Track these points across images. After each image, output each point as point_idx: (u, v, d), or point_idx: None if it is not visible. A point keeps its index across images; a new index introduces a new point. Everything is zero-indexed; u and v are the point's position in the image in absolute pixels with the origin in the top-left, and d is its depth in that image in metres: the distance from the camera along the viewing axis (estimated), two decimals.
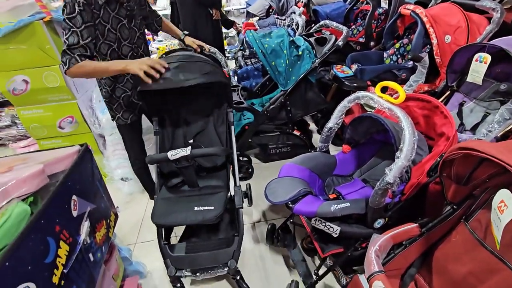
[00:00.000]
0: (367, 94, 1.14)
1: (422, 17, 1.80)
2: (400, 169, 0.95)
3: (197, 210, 1.23)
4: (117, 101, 1.56)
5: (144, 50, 1.57)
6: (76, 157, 0.97)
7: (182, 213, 1.24)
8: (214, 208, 1.23)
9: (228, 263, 1.25)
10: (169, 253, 1.29)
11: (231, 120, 1.52)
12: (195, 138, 1.60)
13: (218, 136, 1.59)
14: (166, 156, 1.25)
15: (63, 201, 0.83)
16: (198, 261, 1.27)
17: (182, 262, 1.28)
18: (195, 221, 1.21)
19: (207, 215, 1.21)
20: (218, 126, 1.61)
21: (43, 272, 0.69)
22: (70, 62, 1.24)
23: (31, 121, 2.04)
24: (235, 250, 1.27)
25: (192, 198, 1.33)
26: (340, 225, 1.11)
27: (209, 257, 1.27)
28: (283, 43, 1.91)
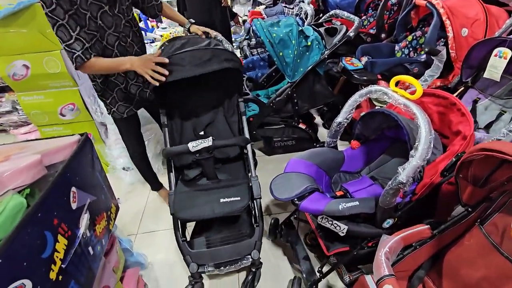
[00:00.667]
0: (381, 88, 1.09)
1: (439, 8, 1.72)
2: (414, 168, 0.91)
3: (223, 202, 1.22)
4: (111, 95, 1.50)
5: (133, 39, 1.46)
6: (75, 147, 0.93)
7: (208, 205, 1.22)
8: (241, 199, 1.22)
9: (251, 254, 1.24)
10: (188, 249, 1.25)
11: (242, 110, 1.49)
12: (206, 130, 1.56)
13: (229, 126, 1.56)
14: (187, 148, 1.23)
15: (62, 193, 0.79)
16: (220, 255, 1.25)
17: (203, 257, 1.25)
18: (223, 212, 1.19)
19: (235, 206, 1.20)
20: (228, 116, 1.57)
21: (40, 268, 0.66)
22: (77, 61, 1.22)
23: (31, 107, 2.01)
24: (257, 240, 1.26)
25: (214, 191, 1.31)
26: (347, 224, 1.08)
27: (231, 250, 1.25)
28: (292, 32, 1.84)
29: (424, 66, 1.91)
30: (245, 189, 1.29)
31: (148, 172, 1.93)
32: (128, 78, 1.51)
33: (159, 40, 4.45)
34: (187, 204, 1.26)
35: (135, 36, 1.49)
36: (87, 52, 1.22)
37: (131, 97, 1.56)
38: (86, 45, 1.22)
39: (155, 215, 2.00)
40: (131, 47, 1.47)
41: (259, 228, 1.28)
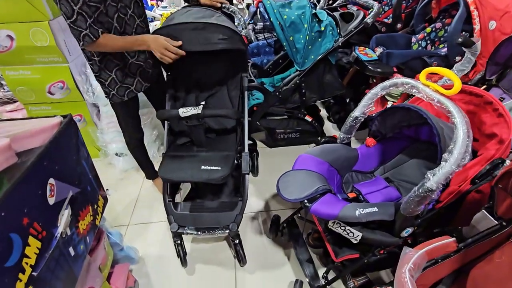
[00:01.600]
0: (409, 81, 0.96)
1: None
2: (447, 175, 0.79)
3: (203, 169, 1.24)
4: (109, 76, 1.36)
5: (135, 10, 1.32)
6: (56, 130, 0.79)
7: (189, 170, 1.26)
8: (221, 169, 1.23)
9: (230, 225, 1.27)
10: (173, 210, 1.33)
11: (245, 85, 1.49)
12: (207, 100, 1.55)
13: (230, 100, 1.54)
14: (177, 112, 1.25)
15: (36, 186, 0.66)
16: (200, 221, 1.32)
17: (185, 219, 1.32)
18: (201, 179, 1.22)
19: (213, 175, 1.21)
20: (231, 90, 1.55)
21: (2, 279, 0.54)
22: (84, 40, 1.14)
23: (17, 83, 1.84)
24: (238, 214, 1.29)
25: (200, 157, 1.33)
26: (361, 231, 0.97)
27: (212, 218, 1.31)
28: (304, 15, 1.68)
29: (443, 60, 1.78)
30: (229, 160, 1.28)
31: (144, 160, 1.80)
32: (128, 56, 1.37)
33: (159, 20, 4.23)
34: (172, 166, 1.30)
35: (137, 7, 1.33)
36: (94, 29, 1.13)
37: (131, 77, 1.42)
38: (89, 21, 1.11)
39: (149, 205, 1.88)
40: (132, 20, 1.33)
41: (242, 202, 1.32)
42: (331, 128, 2.54)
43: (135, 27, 1.36)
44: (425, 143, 1.21)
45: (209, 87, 1.57)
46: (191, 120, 1.28)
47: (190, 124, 1.30)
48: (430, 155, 1.19)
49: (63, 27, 1.75)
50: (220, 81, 1.57)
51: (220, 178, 1.20)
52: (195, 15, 1.31)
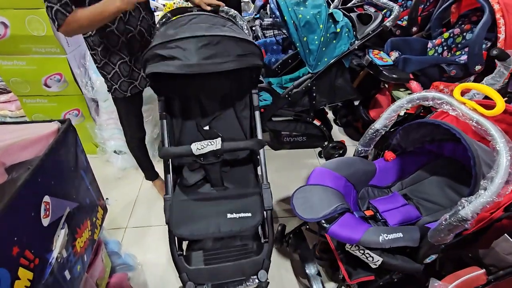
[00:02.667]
0: (443, 96, 0.88)
1: (493, 4, 1.48)
2: (484, 204, 0.72)
3: (231, 218, 1.01)
4: (113, 69, 1.27)
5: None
6: (53, 140, 0.70)
7: (213, 221, 1.01)
8: (252, 215, 1.02)
9: (258, 274, 1.05)
10: (185, 266, 1.05)
11: (255, 104, 1.22)
12: (211, 124, 1.32)
13: (239, 121, 1.33)
14: (189, 150, 1.00)
15: (28, 208, 0.58)
16: (221, 274, 1.06)
17: (202, 275, 1.05)
18: (231, 232, 1.00)
19: (246, 224, 1.00)
20: (239, 110, 1.32)
21: None
22: (58, 18, 0.98)
23: (11, 73, 1.73)
24: (265, 258, 1.06)
25: (220, 202, 1.09)
26: (382, 256, 0.90)
27: (234, 269, 1.06)
28: (320, 15, 1.58)
29: (462, 69, 1.70)
30: (257, 202, 1.08)
31: (145, 160, 1.72)
32: (134, 49, 1.28)
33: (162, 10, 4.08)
34: (187, 217, 1.05)
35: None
36: (66, 4, 0.98)
37: (136, 71, 1.33)
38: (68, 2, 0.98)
39: (148, 206, 1.80)
40: (137, 12, 1.22)
41: (268, 244, 1.08)
42: (337, 132, 2.47)
43: (140, 19, 1.25)
44: (447, 160, 1.14)
45: (212, 108, 1.33)
46: (206, 158, 1.04)
47: (206, 162, 1.06)
48: (452, 173, 1.12)
49: None
50: (225, 100, 1.33)
51: (253, 227, 1.01)
52: (204, 25, 1.08)
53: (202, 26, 1.07)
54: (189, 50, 0.95)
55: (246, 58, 1.03)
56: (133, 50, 1.28)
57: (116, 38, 1.20)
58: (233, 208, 1.04)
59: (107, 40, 1.19)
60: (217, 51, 0.97)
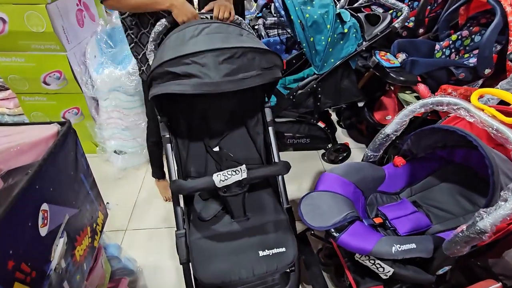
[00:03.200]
0: (459, 102, 0.84)
1: (505, 6, 1.45)
2: (505, 216, 0.69)
3: (264, 255, 0.88)
4: (142, 50, 1.28)
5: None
6: (52, 143, 0.66)
7: (243, 262, 0.87)
8: (286, 249, 0.90)
9: None
10: None
11: (269, 119, 1.11)
12: (221, 144, 1.20)
13: (252, 139, 1.21)
14: (211, 182, 0.88)
15: (25, 217, 0.54)
16: None
17: None
18: (267, 274, 0.87)
19: (282, 262, 0.88)
20: (251, 126, 1.21)
21: None
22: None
23: (9, 70, 1.69)
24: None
25: (246, 237, 0.95)
26: (393, 266, 0.87)
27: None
28: (328, 15, 1.55)
29: (471, 72, 1.67)
30: (287, 233, 0.95)
31: (159, 157, 1.69)
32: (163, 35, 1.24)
33: None
34: (211, 259, 0.90)
35: None
36: None
37: None
38: None
39: (148, 208, 1.77)
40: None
41: (295, 274, 0.97)
42: (341, 134, 2.44)
43: None
44: (459, 166, 1.11)
45: (221, 126, 1.21)
46: (230, 189, 0.93)
47: (229, 194, 0.94)
48: (463, 180, 1.09)
49: (62, 12, 1.59)
50: (235, 116, 1.21)
51: (290, 264, 0.89)
52: (219, 36, 0.92)
53: (218, 36, 0.92)
54: (208, 66, 0.82)
55: (270, 72, 0.92)
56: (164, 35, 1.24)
57: (147, 20, 1.19)
58: (263, 244, 0.92)
59: (139, 21, 1.19)
60: (240, 66, 0.85)
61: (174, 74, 0.84)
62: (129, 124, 1.87)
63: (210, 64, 0.82)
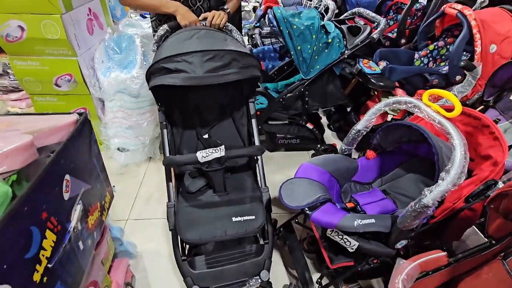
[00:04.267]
0: (412, 100, 1.00)
1: (470, 20, 1.63)
2: (443, 193, 0.84)
3: (236, 221, 1.08)
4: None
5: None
6: (73, 128, 0.82)
7: (219, 225, 1.08)
8: (256, 217, 1.10)
9: (260, 274, 1.12)
10: (190, 270, 1.11)
11: (252, 113, 1.31)
12: (210, 133, 1.41)
13: (237, 129, 1.42)
14: (195, 158, 1.06)
15: (54, 182, 0.69)
16: (225, 276, 1.12)
17: (206, 279, 1.11)
18: (237, 234, 1.06)
19: (250, 227, 1.07)
20: (237, 118, 1.41)
21: (22, 270, 0.56)
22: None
23: (24, 73, 1.86)
24: (266, 259, 1.14)
25: (224, 206, 1.16)
26: (358, 240, 1.01)
27: (237, 270, 1.12)
28: (313, 26, 1.73)
29: (444, 78, 1.84)
30: (259, 205, 1.16)
31: None
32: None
33: None
34: (194, 222, 1.10)
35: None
36: None
37: None
38: None
39: (147, 201, 1.91)
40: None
41: (268, 245, 1.16)
42: (330, 136, 2.59)
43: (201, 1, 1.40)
44: (423, 159, 1.26)
45: (212, 117, 1.41)
46: (211, 165, 1.11)
47: (211, 169, 1.12)
48: (426, 171, 1.24)
49: (74, 21, 1.77)
50: (224, 110, 1.42)
51: (258, 229, 1.08)
52: (206, 40, 1.14)
53: (205, 41, 1.14)
54: (194, 64, 1.03)
55: (247, 70, 1.12)
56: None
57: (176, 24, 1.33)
58: (237, 212, 1.12)
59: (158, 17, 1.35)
60: (221, 64, 1.06)
61: (168, 70, 1.04)
62: (132, 124, 2.03)
63: (196, 62, 1.03)
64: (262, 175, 1.25)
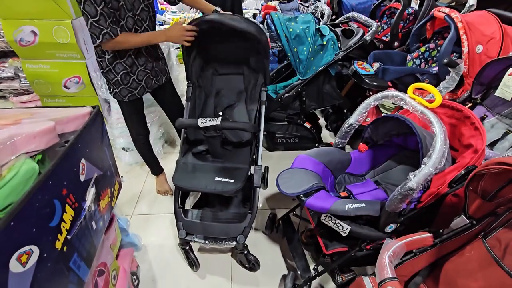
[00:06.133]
0: (398, 94, 1.09)
1: (457, 23, 1.72)
2: (425, 176, 0.91)
3: (217, 180, 1.28)
4: (115, 77, 1.44)
5: (149, 24, 1.43)
6: (87, 118, 0.90)
7: (203, 180, 1.29)
8: (234, 181, 1.27)
9: (238, 238, 1.29)
10: (182, 216, 1.34)
11: (263, 99, 1.50)
12: (225, 111, 1.60)
13: (247, 113, 1.59)
14: (196, 122, 1.27)
15: (72, 164, 0.77)
16: (209, 230, 1.32)
17: (194, 227, 1.33)
18: (214, 190, 1.26)
19: (226, 187, 1.25)
20: (249, 103, 1.60)
21: (47, 236, 0.64)
22: (104, 37, 1.23)
23: (36, 76, 1.96)
24: (246, 226, 1.31)
25: (214, 168, 1.36)
26: (350, 225, 1.08)
27: (220, 228, 1.32)
28: (309, 29, 1.83)
29: (434, 78, 1.93)
30: (243, 174, 1.32)
31: (150, 156, 1.90)
32: (137, 64, 1.46)
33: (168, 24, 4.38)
34: (187, 174, 1.34)
35: (151, 21, 1.45)
36: (113, 28, 1.23)
37: (136, 82, 1.50)
38: (108, 21, 1.21)
39: (151, 198, 1.98)
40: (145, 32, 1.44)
41: (251, 215, 1.33)
42: (328, 136, 2.67)
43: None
44: (412, 151, 1.33)
45: (229, 98, 1.63)
46: (209, 131, 1.29)
47: (208, 134, 1.31)
48: (416, 163, 1.30)
49: (83, 26, 1.87)
50: (240, 93, 1.63)
51: (232, 191, 1.25)
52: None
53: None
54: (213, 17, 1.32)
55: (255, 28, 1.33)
56: (137, 64, 1.45)
57: (125, 52, 1.39)
58: (221, 174, 1.31)
59: (118, 53, 1.38)
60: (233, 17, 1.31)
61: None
62: None
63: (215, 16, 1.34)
64: (259, 153, 1.42)
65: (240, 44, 1.45)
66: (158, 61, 1.56)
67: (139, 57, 1.45)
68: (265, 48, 1.38)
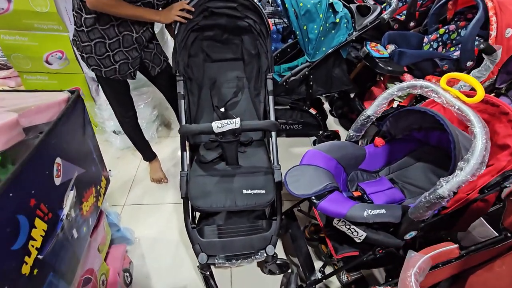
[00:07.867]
0: (429, 84, 0.94)
1: (487, 2, 1.54)
2: (460, 183, 0.79)
3: (246, 193, 1.10)
4: (87, 41, 1.23)
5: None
6: (64, 107, 0.75)
7: (229, 195, 1.10)
8: (266, 192, 1.11)
9: (266, 249, 1.15)
10: (198, 238, 1.15)
11: (270, 89, 1.31)
12: (227, 106, 1.40)
13: (254, 105, 1.41)
14: (210, 128, 1.05)
15: (43, 166, 0.63)
16: (232, 247, 1.15)
17: (214, 248, 1.15)
18: (245, 206, 1.09)
19: (260, 200, 1.09)
20: (254, 94, 1.41)
21: (9, 263, 0.51)
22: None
23: (13, 49, 1.74)
24: (273, 235, 1.17)
25: (236, 179, 1.17)
26: (366, 231, 0.97)
27: (245, 243, 1.16)
28: (321, 4, 1.62)
29: (454, 64, 1.77)
30: (270, 180, 1.16)
31: (139, 140, 1.75)
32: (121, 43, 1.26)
33: None
34: (204, 191, 1.12)
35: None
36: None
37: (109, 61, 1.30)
38: None
39: (145, 186, 1.86)
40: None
41: (276, 221, 1.19)
42: (332, 123, 2.53)
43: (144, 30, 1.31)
44: (433, 148, 1.21)
45: (229, 90, 1.43)
46: (225, 136, 1.08)
47: (225, 140, 1.10)
48: (437, 160, 1.19)
49: None
50: (241, 83, 1.43)
51: (267, 204, 1.09)
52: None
53: None
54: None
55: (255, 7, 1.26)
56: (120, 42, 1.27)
57: (108, 20, 1.19)
58: (248, 184, 1.13)
59: (99, 18, 1.18)
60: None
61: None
62: None
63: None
64: (276, 153, 1.25)
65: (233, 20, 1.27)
66: (149, 53, 1.39)
67: (126, 38, 1.26)
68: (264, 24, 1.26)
